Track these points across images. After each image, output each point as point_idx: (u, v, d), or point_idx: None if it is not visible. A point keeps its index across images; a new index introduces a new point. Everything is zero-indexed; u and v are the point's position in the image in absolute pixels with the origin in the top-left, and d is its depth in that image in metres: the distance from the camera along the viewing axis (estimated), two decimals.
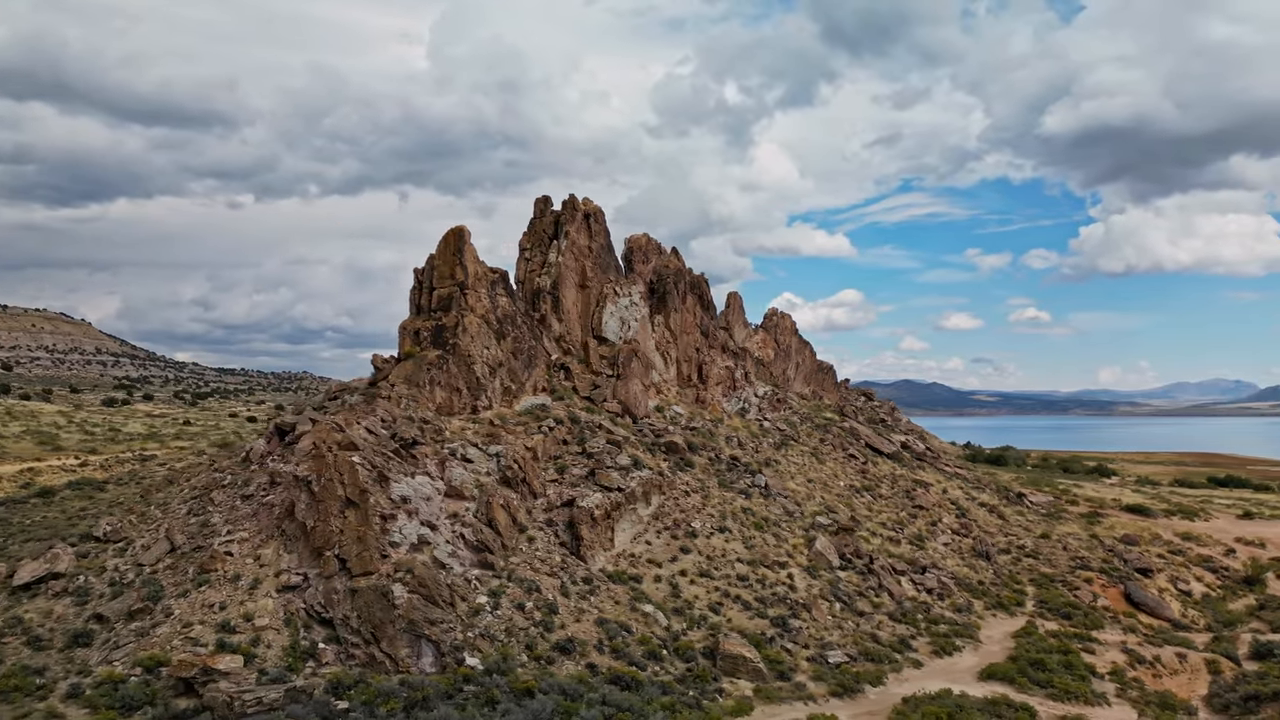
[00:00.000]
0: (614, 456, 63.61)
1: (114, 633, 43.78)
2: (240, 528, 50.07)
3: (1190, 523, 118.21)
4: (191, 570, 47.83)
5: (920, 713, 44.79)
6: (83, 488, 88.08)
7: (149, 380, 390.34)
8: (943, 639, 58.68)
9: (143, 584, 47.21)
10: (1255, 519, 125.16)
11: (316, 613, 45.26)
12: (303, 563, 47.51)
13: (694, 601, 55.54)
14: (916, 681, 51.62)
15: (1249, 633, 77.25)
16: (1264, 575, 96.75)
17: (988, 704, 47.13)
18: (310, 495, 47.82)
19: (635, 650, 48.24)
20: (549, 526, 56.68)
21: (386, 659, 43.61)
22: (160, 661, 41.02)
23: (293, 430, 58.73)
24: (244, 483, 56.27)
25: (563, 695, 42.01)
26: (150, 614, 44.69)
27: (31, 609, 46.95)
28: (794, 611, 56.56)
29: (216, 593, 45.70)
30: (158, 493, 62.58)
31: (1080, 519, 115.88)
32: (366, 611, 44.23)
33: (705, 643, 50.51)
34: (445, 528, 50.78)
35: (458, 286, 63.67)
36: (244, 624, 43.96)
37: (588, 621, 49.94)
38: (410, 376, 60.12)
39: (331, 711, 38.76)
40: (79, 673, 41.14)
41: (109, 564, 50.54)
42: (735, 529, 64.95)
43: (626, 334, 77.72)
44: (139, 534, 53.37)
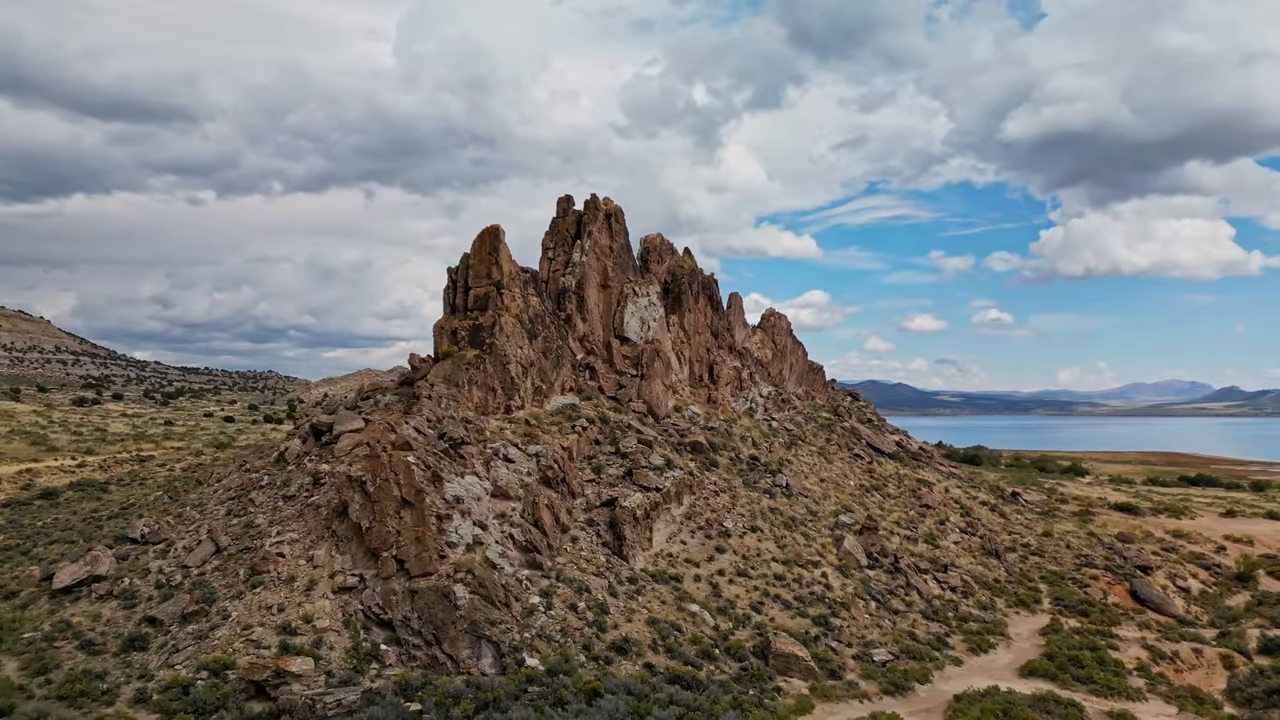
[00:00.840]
0: (647, 456, 63.67)
1: (170, 636, 43.07)
2: (289, 529, 49.45)
3: (1177, 521, 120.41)
4: (242, 572, 47.18)
5: (978, 709, 45.38)
6: (85, 489, 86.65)
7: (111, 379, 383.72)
8: (976, 637, 59.45)
9: (193, 586, 46.49)
10: (1238, 517, 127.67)
11: (374, 614, 44.86)
12: (357, 564, 47.07)
13: (735, 601, 55.78)
14: (960, 679, 52.28)
15: (1255, 628, 78.86)
16: (1255, 572, 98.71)
17: (1036, 701, 47.84)
18: (364, 496, 47.37)
19: (688, 650, 48.34)
20: (590, 526, 56.62)
21: (448, 660, 43.37)
22: (225, 664, 40.47)
23: (329, 430, 58.11)
24: (283, 483, 55.59)
25: (629, 695, 42.01)
26: (206, 616, 44.02)
27: (77, 612, 46.07)
28: (833, 610, 57.00)
29: (272, 594, 45.13)
30: (189, 493, 61.59)
31: (1074, 517, 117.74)
32: (428, 613, 43.92)
33: (754, 642, 50.76)
34: (494, 528, 50.55)
35: (494, 286, 63.30)
36: (304, 626, 43.47)
37: (639, 621, 49.97)
38: (449, 376, 59.68)
39: (405, 713, 38.44)
40: (140, 677, 40.44)
41: (152, 566, 49.70)
42: (766, 528, 65.31)
43: (647, 334, 77.78)
44: (178, 535, 52.52)
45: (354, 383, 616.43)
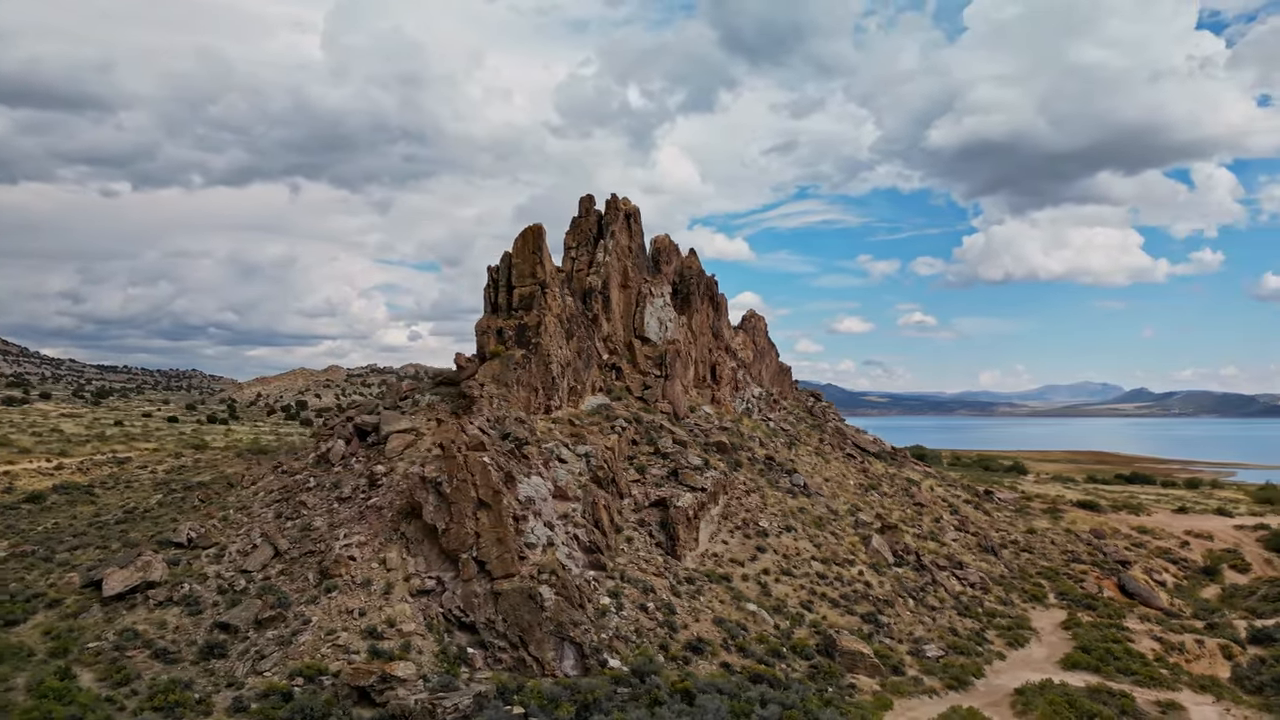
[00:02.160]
0: (685, 457, 63.91)
1: (249, 642, 41.84)
2: (354, 531, 48.38)
3: (1137, 518, 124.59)
4: (311, 576, 46.05)
5: (1043, 700, 46.79)
6: (70, 492, 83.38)
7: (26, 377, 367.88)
8: (1008, 632, 61.15)
9: (262, 591, 45.21)
10: (1189, 513, 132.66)
11: (455, 617, 44.25)
12: (432, 566, 46.33)
13: (785, 600, 56.42)
14: (1009, 672, 53.79)
15: (1241, 619, 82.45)
16: (1220, 566, 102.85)
17: (1091, 692, 49.54)
18: (439, 497, 46.65)
19: (757, 649, 48.79)
20: (642, 527, 56.65)
21: (534, 662, 43.05)
22: (319, 670, 39.53)
23: (375, 431, 57.01)
24: (333, 485, 54.32)
25: (720, 694, 42.23)
26: (284, 621, 42.87)
27: (139, 620, 44.42)
28: (878, 608, 58.05)
29: (350, 599, 44.16)
30: (224, 496, 59.69)
31: (1045, 515, 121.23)
32: (513, 615, 43.50)
33: (816, 640, 51.43)
34: (559, 529, 50.27)
35: (539, 285, 62.76)
36: (389, 630, 42.67)
37: (706, 621, 50.23)
38: (498, 376, 59.02)
39: (511, 717, 38.08)
40: (229, 685, 39.22)
41: (208, 571, 48.16)
42: (799, 528, 66.14)
43: (665, 334, 78.01)
44: (229, 539, 50.93)
45: (288, 382, 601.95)
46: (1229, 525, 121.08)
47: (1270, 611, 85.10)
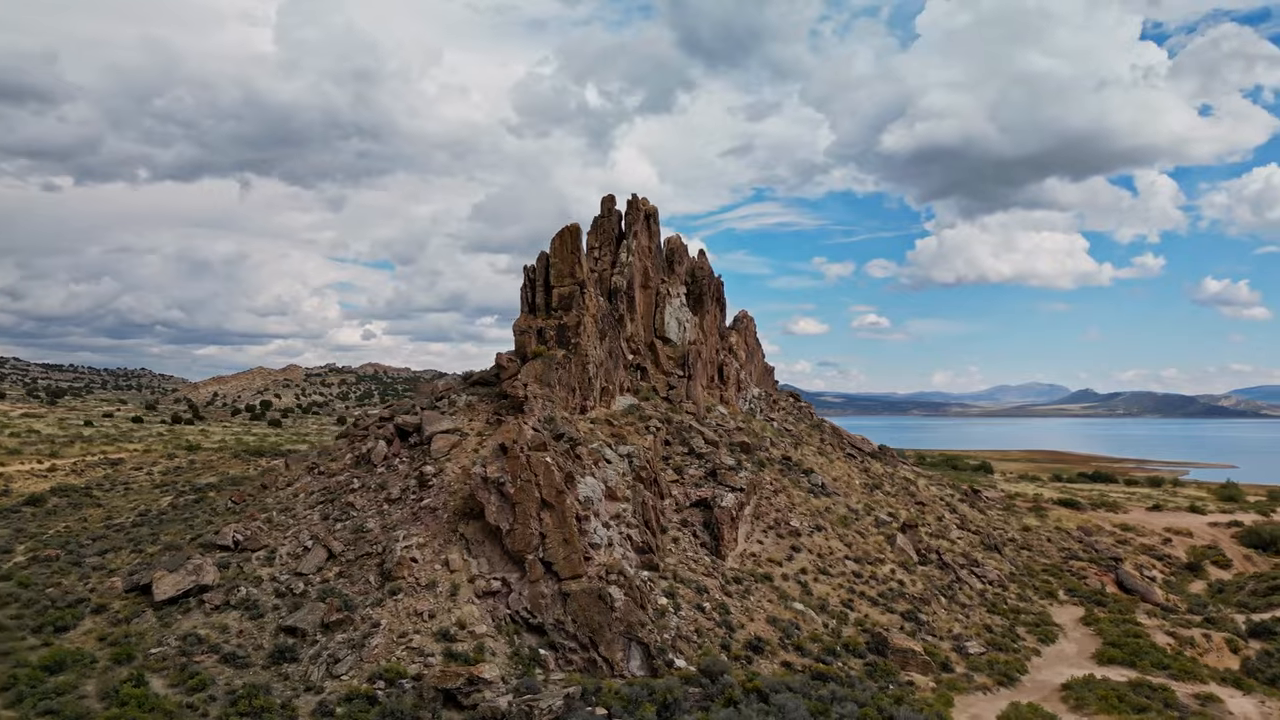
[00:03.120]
0: (718, 457, 64.13)
1: (319, 646, 41.19)
2: (412, 533, 47.82)
3: (1115, 515, 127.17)
4: (372, 578, 45.47)
5: (1094, 695, 47.81)
6: (70, 494, 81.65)
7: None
8: (1036, 628, 62.27)
9: (324, 594, 44.50)
10: (1164, 510, 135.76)
11: (523, 618, 44.01)
12: (495, 567, 45.99)
13: (827, 599, 56.89)
14: (1049, 668, 54.81)
15: (1238, 614, 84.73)
16: (1203, 563, 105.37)
17: (1134, 686, 50.69)
18: (502, 497, 46.33)
19: (812, 647, 49.20)
20: (685, 527, 56.77)
21: (604, 663, 42.99)
22: (399, 673, 39.07)
23: (417, 432, 56.40)
24: (379, 486, 53.63)
25: (791, 693, 42.53)
26: (352, 625, 42.28)
27: (199, 624, 43.51)
28: (916, 606, 58.80)
29: (418, 601, 43.66)
30: (260, 498, 58.58)
31: (1031, 513, 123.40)
32: (583, 615, 43.38)
33: (865, 638, 51.95)
34: (613, 529, 50.22)
35: (578, 286, 62.53)
36: (461, 632, 42.29)
37: (760, 620, 50.52)
38: (541, 376, 58.70)
39: (596, 718, 37.99)
40: (308, 689, 38.61)
41: (262, 574, 47.28)
42: (829, 527, 66.74)
43: (683, 335, 78.21)
44: (277, 541, 50.03)
45: (245, 382, 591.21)
46: (1204, 522, 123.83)
47: (1263, 606, 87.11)
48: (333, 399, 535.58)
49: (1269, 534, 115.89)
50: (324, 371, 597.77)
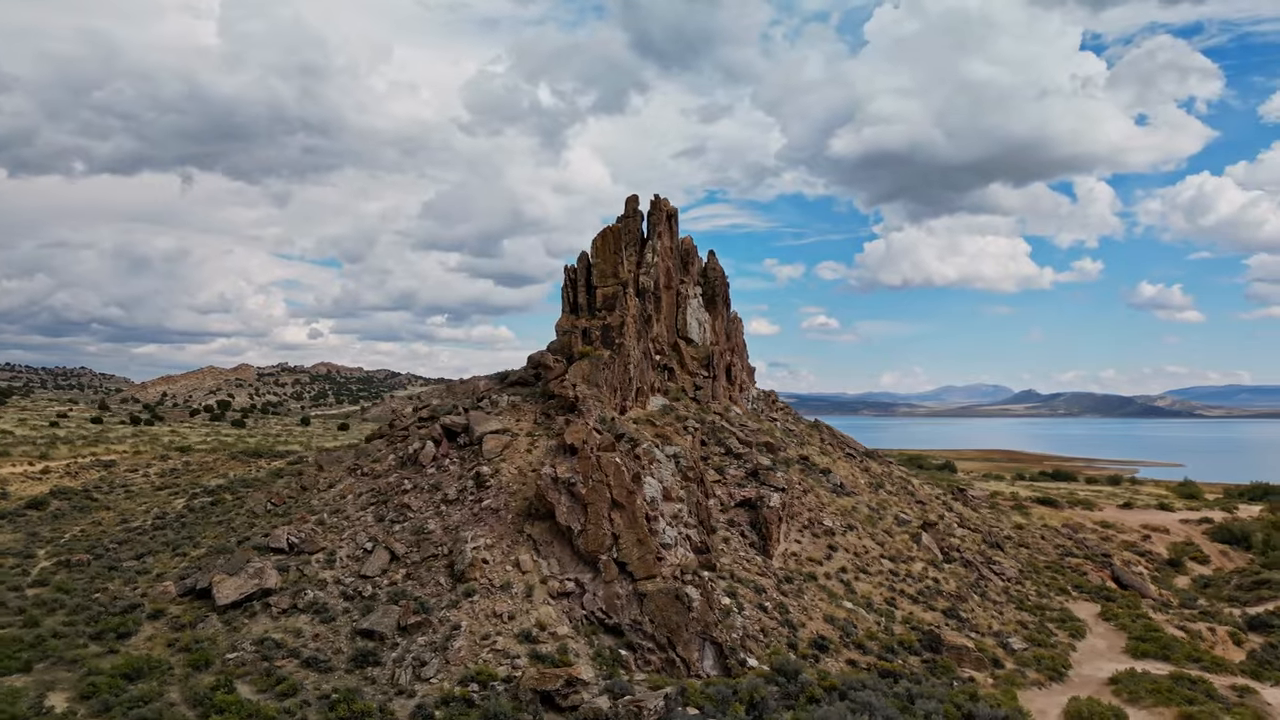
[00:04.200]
0: (754, 457, 64.53)
1: (401, 649, 40.64)
2: (479, 534, 47.37)
3: (1092, 513, 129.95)
4: (443, 579, 44.96)
5: (1143, 688, 49.10)
6: (71, 497, 79.56)
7: None
8: (1063, 624, 63.67)
9: (395, 596, 43.92)
10: (1135, 508, 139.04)
11: (598, 619, 43.94)
12: (566, 568, 45.80)
13: (870, 597, 57.60)
14: (1088, 663, 56.09)
15: (1233, 607, 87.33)
16: (1183, 559, 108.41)
17: (1174, 679, 52.13)
18: (573, 498, 46.15)
19: (871, 645, 49.80)
20: (732, 527, 57.05)
21: (681, 663, 43.11)
22: (490, 675, 38.75)
23: (465, 432, 55.88)
24: (433, 487, 52.99)
25: (871, 691, 43.02)
26: (430, 627, 41.78)
27: (269, 628, 42.68)
28: (954, 604, 59.80)
29: (495, 602, 43.29)
30: (303, 499, 57.51)
31: (1015, 511, 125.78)
32: (661, 616, 43.45)
33: (916, 635, 52.68)
34: (675, 528, 50.31)
35: (621, 286, 62.43)
36: (542, 633, 42.06)
37: (818, 619, 51.00)
38: (588, 376, 58.51)
39: (689, 718, 38.08)
40: (398, 693, 38.08)
41: (325, 576, 46.49)
42: (859, 526, 67.55)
43: (704, 335, 78.51)
44: (333, 544, 49.21)
45: (195, 381, 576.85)
46: (1176, 519, 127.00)
47: (1253, 600, 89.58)
48: (287, 398, 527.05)
49: (1239, 530, 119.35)
50: (276, 371, 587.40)
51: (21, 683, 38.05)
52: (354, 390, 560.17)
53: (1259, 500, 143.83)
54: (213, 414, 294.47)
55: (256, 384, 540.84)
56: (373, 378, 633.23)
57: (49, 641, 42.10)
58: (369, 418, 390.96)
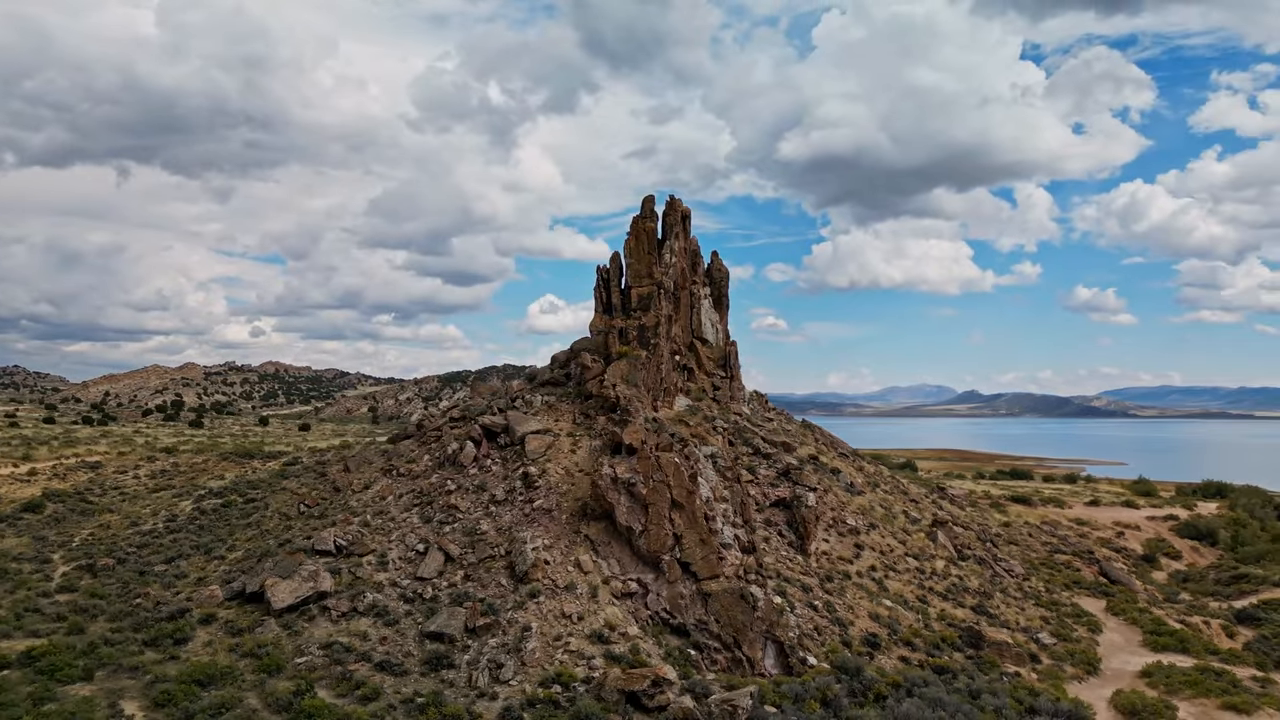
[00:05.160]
0: (781, 456, 65.01)
1: (473, 651, 40.26)
2: (536, 534, 47.04)
3: (1064, 510, 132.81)
4: (504, 580, 44.59)
5: (1178, 679, 50.60)
6: (65, 500, 77.33)
7: None
8: (1079, 619, 65.23)
9: (455, 598, 43.46)
10: (1101, 505, 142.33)
11: (662, 619, 44.01)
12: (627, 568, 45.76)
13: (903, 594, 58.46)
14: (1114, 656, 57.52)
15: (1219, 601, 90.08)
16: (1157, 554, 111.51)
17: (1200, 671, 53.83)
18: (632, 498, 46.12)
19: (917, 641, 50.57)
20: (770, 526, 57.43)
21: (747, 662, 43.39)
22: (570, 676, 38.59)
23: (505, 432, 55.47)
24: (478, 487, 52.46)
25: (936, 687, 43.70)
26: (500, 628, 41.43)
27: (331, 632, 41.96)
28: (980, 601, 60.94)
29: (561, 603, 43.07)
30: (338, 500, 56.48)
31: (995, 509, 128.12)
32: (726, 615, 43.66)
33: (956, 632, 53.58)
34: (730, 528, 50.53)
35: (656, 286, 62.41)
36: (612, 634, 41.96)
37: (864, 616, 51.64)
38: (626, 377, 58.39)
39: (770, 715, 38.33)
40: (480, 695, 37.72)
41: (379, 579, 45.81)
42: (880, 525, 68.46)
43: (717, 335, 78.88)
44: (382, 546, 48.47)
45: (140, 380, 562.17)
46: (1142, 517, 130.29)
47: (1234, 594, 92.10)
48: (236, 398, 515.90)
49: (1205, 527, 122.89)
50: (224, 370, 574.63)
51: (88, 691, 36.94)
52: (304, 390, 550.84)
53: (1213, 498, 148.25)
54: (166, 414, 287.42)
55: (204, 383, 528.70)
56: (321, 377, 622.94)
57: (101, 649, 40.86)
58: (324, 417, 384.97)
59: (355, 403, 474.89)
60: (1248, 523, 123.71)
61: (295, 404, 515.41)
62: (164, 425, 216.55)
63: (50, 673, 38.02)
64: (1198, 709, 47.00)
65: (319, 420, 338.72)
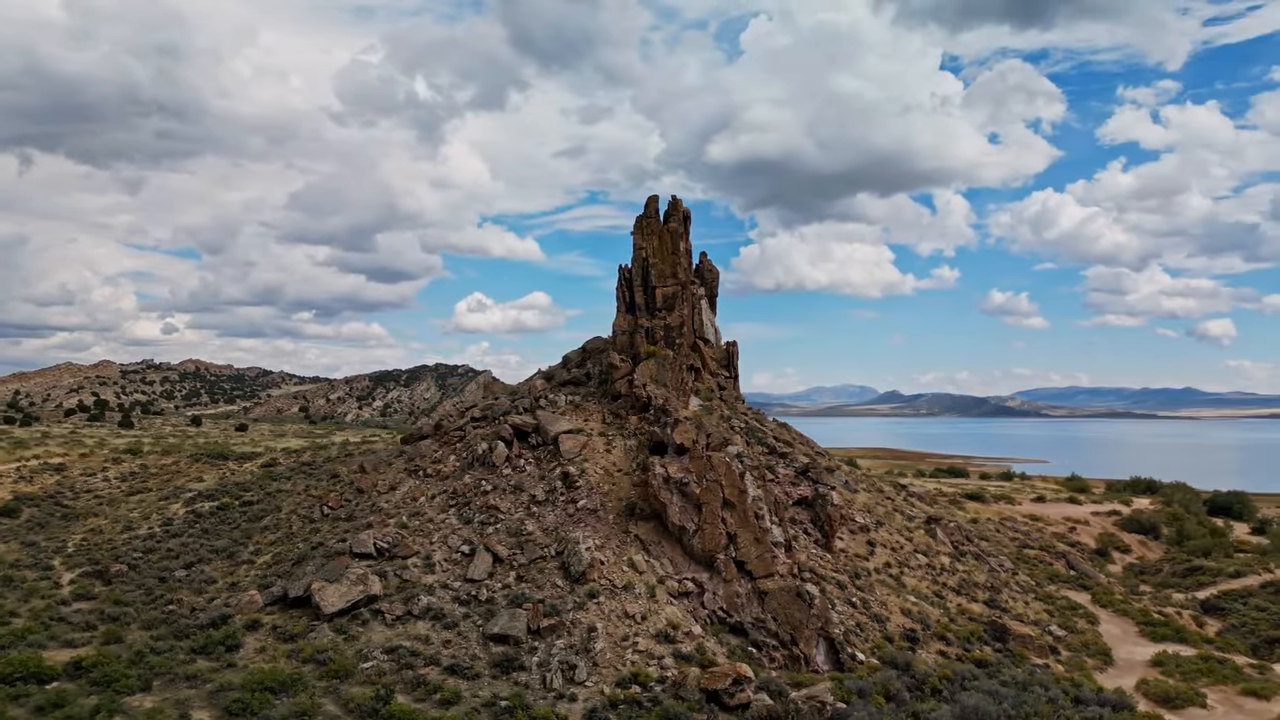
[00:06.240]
0: (795, 455, 65.71)
1: (539, 653, 39.84)
2: (586, 535, 46.69)
3: (1015, 507, 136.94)
4: (560, 581, 44.18)
5: (1188, 668, 52.78)
6: (39, 504, 74.11)
7: None
8: (1074, 610, 67.50)
9: (513, 599, 42.92)
10: (1047, 501, 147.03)
11: (719, 617, 44.19)
12: (680, 568, 45.80)
13: (920, 589, 59.70)
14: (1120, 646, 59.66)
15: (1177, 593, 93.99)
16: (1109, 549, 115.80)
17: (1203, 659, 56.25)
18: (684, 497, 46.18)
19: (950, 635, 51.72)
20: (795, 524, 57.98)
21: (803, 659, 43.86)
22: (646, 676, 38.48)
23: (535, 432, 54.94)
24: (515, 487, 51.82)
25: (981, 680, 44.76)
26: (565, 629, 41.09)
27: (391, 636, 41.06)
28: (991, 595, 62.57)
29: (622, 603, 42.90)
30: (371, 502, 55.06)
31: (951, 505, 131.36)
32: (784, 613, 44.06)
33: (980, 626, 54.95)
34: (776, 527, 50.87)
35: (680, 286, 62.34)
36: (676, 633, 41.99)
37: (897, 612, 52.60)
38: (656, 376, 58.29)
39: (840, 711, 38.83)
40: (558, 697, 37.36)
41: (429, 581, 44.94)
42: (886, 522, 69.73)
43: (716, 335, 79.31)
44: (425, 548, 47.53)
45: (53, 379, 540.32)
46: (1088, 512, 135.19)
47: (1193, 585, 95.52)
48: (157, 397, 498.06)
49: (1148, 521, 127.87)
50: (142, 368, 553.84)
51: (151, 702, 35.50)
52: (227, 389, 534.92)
53: (1143, 494, 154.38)
54: (90, 414, 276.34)
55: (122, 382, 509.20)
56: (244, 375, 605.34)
57: (150, 658, 39.29)
58: (256, 417, 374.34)
59: (285, 402, 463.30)
60: (1185, 518, 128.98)
61: (220, 403, 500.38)
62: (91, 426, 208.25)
63: (106, 684, 36.47)
64: (1220, 696, 49.06)
65: (253, 420, 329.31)
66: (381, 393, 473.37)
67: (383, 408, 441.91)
